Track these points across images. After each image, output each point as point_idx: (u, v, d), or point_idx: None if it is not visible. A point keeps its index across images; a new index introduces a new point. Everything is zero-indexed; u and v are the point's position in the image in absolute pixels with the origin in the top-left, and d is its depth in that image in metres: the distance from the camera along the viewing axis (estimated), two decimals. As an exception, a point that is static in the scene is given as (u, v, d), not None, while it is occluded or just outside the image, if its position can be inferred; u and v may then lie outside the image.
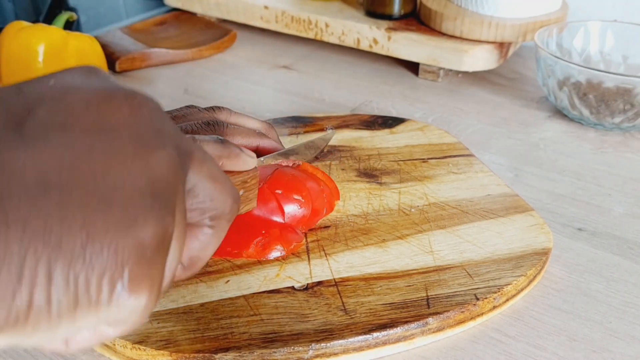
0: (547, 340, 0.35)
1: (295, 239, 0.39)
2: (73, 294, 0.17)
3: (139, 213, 0.19)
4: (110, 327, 0.20)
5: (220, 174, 0.25)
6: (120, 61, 0.71)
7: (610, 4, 0.76)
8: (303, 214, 0.40)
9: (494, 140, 0.57)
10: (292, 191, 0.40)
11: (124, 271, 0.18)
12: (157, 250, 0.19)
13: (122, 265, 0.18)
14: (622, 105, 0.55)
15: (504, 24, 0.65)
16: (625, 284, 0.39)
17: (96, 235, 0.18)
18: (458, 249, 0.40)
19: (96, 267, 0.18)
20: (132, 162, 0.19)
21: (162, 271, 0.20)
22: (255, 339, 0.32)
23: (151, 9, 0.91)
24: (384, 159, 0.50)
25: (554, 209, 0.47)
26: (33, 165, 0.17)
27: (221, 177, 0.25)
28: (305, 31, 0.76)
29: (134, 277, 0.18)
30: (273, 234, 0.39)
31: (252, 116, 0.44)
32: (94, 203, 0.18)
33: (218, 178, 0.24)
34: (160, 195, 0.20)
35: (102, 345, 0.33)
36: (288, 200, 0.40)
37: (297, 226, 0.40)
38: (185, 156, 0.22)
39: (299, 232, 0.40)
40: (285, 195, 0.40)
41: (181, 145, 0.22)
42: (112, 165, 0.19)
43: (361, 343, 0.33)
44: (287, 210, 0.40)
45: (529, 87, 0.68)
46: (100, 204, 0.18)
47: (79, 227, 0.17)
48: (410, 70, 0.72)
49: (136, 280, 0.18)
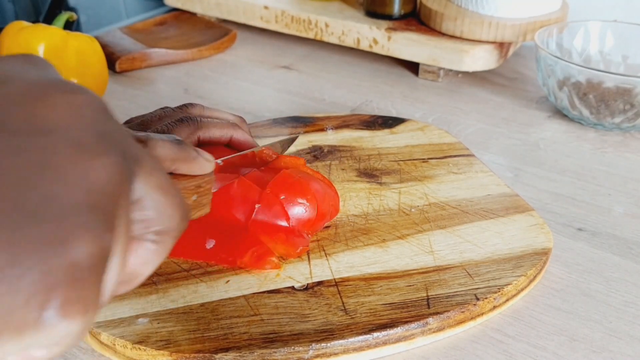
0: (547, 340, 0.35)
1: (302, 242, 0.39)
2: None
3: (72, 230, 0.17)
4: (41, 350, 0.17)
5: (171, 186, 0.23)
6: (120, 61, 0.71)
7: (610, 4, 0.75)
8: (309, 217, 0.40)
9: (494, 140, 0.57)
10: (297, 195, 0.40)
11: (54, 295, 0.16)
12: (92, 271, 0.17)
13: (52, 289, 0.16)
14: (622, 105, 0.55)
15: (504, 24, 0.65)
16: (625, 284, 0.39)
17: (21, 255, 0.16)
18: (458, 249, 0.40)
19: (21, 291, 0.16)
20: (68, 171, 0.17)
21: (97, 292, 0.18)
22: (256, 339, 0.32)
23: (151, 9, 0.91)
24: (384, 159, 0.50)
25: (554, 209, 0.47)
26: None
27: (171, 190, 0.23)
28: (305, 31, 0.76)
29: (66, 301, 0.16)
30: (278, 238, 0.38)
31: (225, 110, 0.44)
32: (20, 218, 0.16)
33: (168, 190, 0.22)
34: (98, 209, 0.18)
35: (101, 345, 0.33)
36: (293, 204, 0.39)
37: (303, 230, 0.40)
38: (133, 163, 0.20)
39: (305, 236, 0.40)
40: (289, 199, 0.39)
41: (128, 151, 0.20)
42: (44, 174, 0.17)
43: (361, 343, 0.33)
44: (292, 214, 0.39)
45: (529, 87, 0.68)
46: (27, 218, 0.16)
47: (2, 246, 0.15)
48: (410, 70, 0.72)
49: (68, 304, 0.16)
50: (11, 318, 0.16)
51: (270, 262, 0.37)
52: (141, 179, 0.21)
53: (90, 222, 0.17)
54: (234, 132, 0.41)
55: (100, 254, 0.17)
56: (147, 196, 0.21)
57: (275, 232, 0.39)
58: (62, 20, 0.64)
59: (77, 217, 0.17)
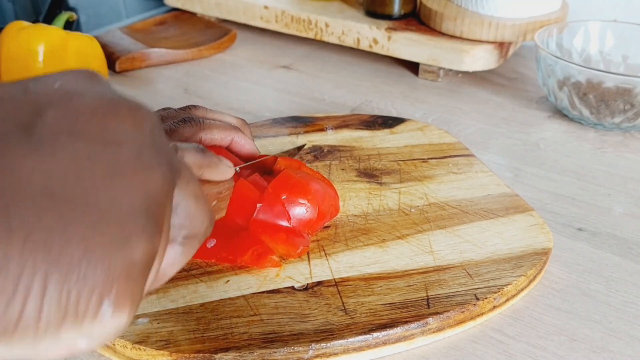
0: (547, 340, 0.35)
1: (302, 242, 0.39)
2: (64, 308, 0.17)
3: (133, 232, 0.19)
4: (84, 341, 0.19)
5: (203, 194, 0.25)
6: (120, 61, 0.71)
7: (610, 4, 0.76)
8: (310, 217, 0.40)
9: (494, 140, 0.57)
10: (298, 195, 0.40)
11: (113, 288, 0.18)
12: (143, 270, 0.19)
13: (112, 282, 0.18)
14: (622, 105, 0.55)
15: (504, 24, 0.65)
16: (625, 284, 0.39)
17: (92, 250, 0.17)
18: (458, 249, 0.40)
19: (88, 282, 0.17)
20: (131, 179, 0.19)
21: (143, 290, 0.20)
22: (255, 339, 0.32)
23: (151, 9, 0.91)
24: (384, 159, 0.50)
25: (554, 209, 0.47)
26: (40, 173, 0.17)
27: (203, 198, 0.25)
28: (305, 31, 0.76)
29: (120, 295, 0.18)
30: (279, 238, 0.38)
31: (227, 112, 0.44)
32: (94, 217, 0.18)
33: (200, 198, 0.24)
34: (153, 215, 0.20)
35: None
36: (294, 204, 0.39)
37: (304, 230, 0.40)
38: (175, 174, 0.22)
39: (305, 236, 0.40)
40: (290, 199, 0.39)
41: (172, 162, 0.22)
42: (113, 180, 0.19)
43: (361, 343, 0.33)
44: (293, 214, 0.39)
45: (529, 87, 0.68)
46: (99, 218, 0.18)
47: (78, 240, 0.17)
48: (410, 70, 0.72)
49: (121, 298, 0.18)
50: (76, 307, 0.17)
51: (271, 260, 0.37)
52: (180, 187, 0.23)
53: (147, 226, 0.19)
54: (235, 135, 0.42)
55: (151, 255, 0.20)
56: (183, 203, 0.23)
57: (275, 232, 0.39)
58: (62, 20, 0.64)
59: (137, 221, 0.19)
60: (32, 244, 0.16)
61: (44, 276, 0.16)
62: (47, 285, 0.17)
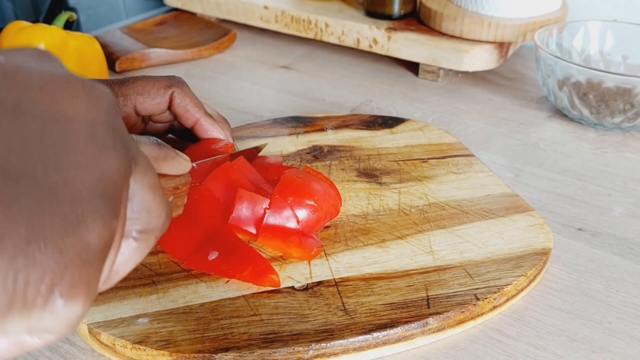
0: (547, 340, 0.35)
1: (315, 244, 0.39)
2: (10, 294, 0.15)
3: (87, 213, 0.17)
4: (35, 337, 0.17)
5: (160, 186, 0.23)
6: (120, 61, 0.71)
7: (610, 4, 0.75)
8: (317, 218, 0.40)
9: (494, 140, 0.57)
10: (304, 197, 0.40)
11: (65, 274, 0.16)
12: (99, 255, 0.18)
13: (64, 267, 0.16)
14: (622, 105, 0.55)
15: (504, 24, 0.65)
16: (625, 284, 0.39)
17: (41, 230, 0.16)
18: (458, 249, 0.40)
19: (38, 266, 0.16)
20: (84, 158, 0.18)
21: (98, 278, 0.18)
22: (255, 339, 0.32)
23: (151, 9, 0.91)
24: (384, 159, 0.50)
25: (554, 209, 0.47)
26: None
27: (160, 190, 0.23)
28: (305, 31, 0.76)
29: (74, 282, 0.17)
30: (292, 242, 0.38)
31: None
32: (42, 195, 0.16)
33: (158, 190, 0.23)
34: (109, 197, 0.18)
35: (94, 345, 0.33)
36: (300, 206, 0.39)
37: (310, 231, 0.40)
38: (132, 160, 0.21)
39: (315, 238, 0.40)
40: (297, 201, 0.39)
41: (129, 148, 0.21)
42: (64, 157, 0.17)
43: (361, 343, 0.33)
44: (301, 216, 0.39)
45: (529, 87, 0.68)
46: (48, 197, 0.16)
47: (24, 219, 0.16)
48: (410, 70, 0.72)
49: (75, 286, 0.17)
50: (23, 294, 0.16)
51: (270, 279, 0.36)
52: (137, 177, 0.22)
53: (102, 208, 0.18)
54: (203, 118, 0.43)
55: (108, 240, 0.18)
56: (139, 194, 0.22)
57: (288, 236, 0.38)
58: (62, 20, 0.64)
59: (91, 201, 0.17)
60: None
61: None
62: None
